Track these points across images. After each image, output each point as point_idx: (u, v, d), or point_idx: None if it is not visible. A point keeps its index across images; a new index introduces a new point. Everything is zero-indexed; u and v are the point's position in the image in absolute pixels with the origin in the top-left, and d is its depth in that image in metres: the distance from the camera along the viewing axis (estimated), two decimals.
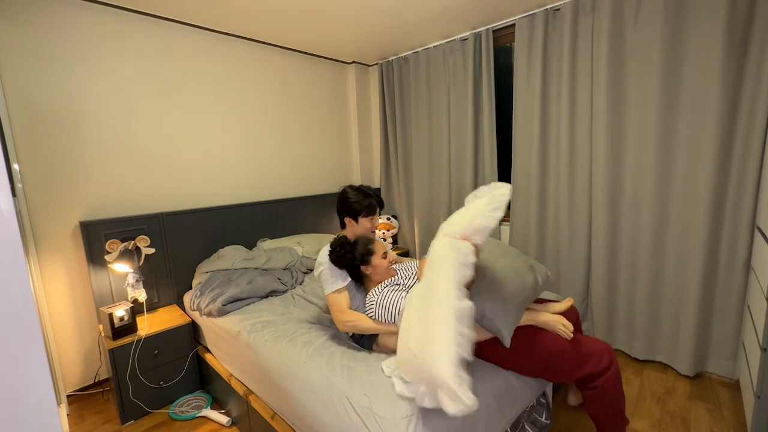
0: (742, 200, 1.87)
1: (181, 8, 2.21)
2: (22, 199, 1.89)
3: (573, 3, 2.22)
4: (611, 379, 1.35)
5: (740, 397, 1.89)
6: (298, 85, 3.11)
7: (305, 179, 3.22)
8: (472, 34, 2.71)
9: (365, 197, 1.65)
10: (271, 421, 1.51)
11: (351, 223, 1.67)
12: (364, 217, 1.63)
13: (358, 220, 1.65)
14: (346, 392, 1.25)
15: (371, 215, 1.65)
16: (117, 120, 2.18)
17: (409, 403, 1.14)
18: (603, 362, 1.34)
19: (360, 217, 1.63)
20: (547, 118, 2.46)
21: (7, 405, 0.51)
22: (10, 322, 0.51)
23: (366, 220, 1.64)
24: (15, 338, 0.51)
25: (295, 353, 1.52)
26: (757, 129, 1.79)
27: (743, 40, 1.78)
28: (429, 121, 3.12)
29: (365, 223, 1.64)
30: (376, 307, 1.45)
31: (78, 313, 2.13)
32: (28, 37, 1.89)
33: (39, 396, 0.54)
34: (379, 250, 1.57)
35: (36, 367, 0.53)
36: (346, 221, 1.69)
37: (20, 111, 1.88)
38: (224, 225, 2.61)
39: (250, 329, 1.78)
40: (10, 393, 0.51)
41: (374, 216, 1.66)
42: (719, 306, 2.00)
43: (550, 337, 1.37)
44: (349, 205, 1.64)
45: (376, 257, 1.55)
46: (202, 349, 2.16)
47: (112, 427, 1.91)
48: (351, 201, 1.64)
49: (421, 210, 3.29)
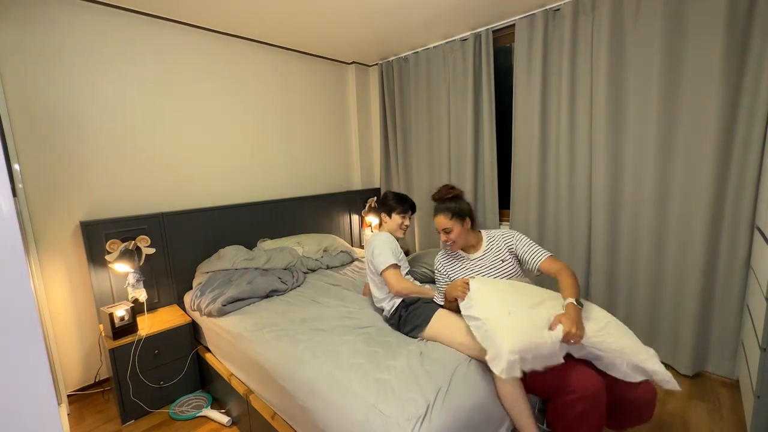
0: (742, 200, 1.87)
1: (181, 8, 2.21)
2: (23, 199, 1.90)
3: (573, 3, 2.22)
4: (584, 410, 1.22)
5: (740, 397, 1.89)
6: (298, 85, 3.11)
7: (305, 179, 3.22)
8: (472, 34, 2.71)
9: (401, 199, 2.01)
10: (272, 420, 1.51)
11: (385, 219, 2.00)
12: (397, 214, 1.96)
13: (391, 215, 1.97)
14: (354, 390, 1.24)
15: (403, 213, 1.97)
16: (117, 120, 2.18)
17: (416, 404, 1.14)
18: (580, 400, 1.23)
19: (393, 213, 1.96)
20: (547, 118, 2.46)
21: (8, 405, 0.51)
22: (10, 322, 0.51)
23: (398, 216, 1.96)
24: (15, 338, 0.51)
25: (297, 352, 1.52)
26: (757, 129, 1.79)
27: (743, 40, 1.78)
28: (429, 121, 3.12)
29: (396, 219, 1.97)
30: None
31: (78, 313, 2.13)
32: (28, 37, 1.89)
33: (39, 396, 0.54)
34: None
35: (36, 367, 0.53)
36: (382, 217, 2.02)
37: (20, 111, 1.88)
38: (224, 225, 2.61)
39: (251, 329, 1.78)
40: (11, 393, 0.51)
41: (405, 214, 1.98)
42: (719, 306, 2.00)
43: None
44: (387, 203, 1.99)
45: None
46: (203, 348, 2.17)
47: (112, 426, 1.91)
48: (388, 199, 2.00)
49: (421, 210, 3.29)
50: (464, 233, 1.65)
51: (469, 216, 1.66)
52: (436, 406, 1.16)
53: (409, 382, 1.25)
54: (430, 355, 1.44)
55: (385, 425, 1.10)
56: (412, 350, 1.47)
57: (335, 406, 1.24)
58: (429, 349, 1.48)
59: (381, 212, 2.01)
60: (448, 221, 1.62)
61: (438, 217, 1.65)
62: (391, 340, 1.57)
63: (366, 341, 1.56)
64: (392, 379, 1.27)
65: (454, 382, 1.27)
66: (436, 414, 1.13)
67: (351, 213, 3.53)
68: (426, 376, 1.29)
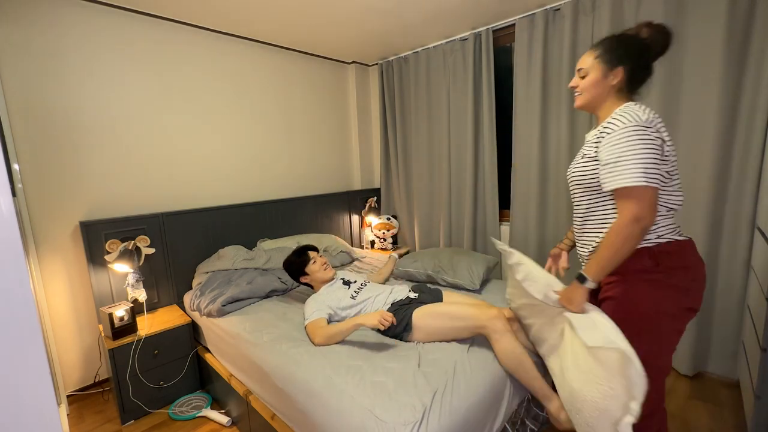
0: (742, 200, 1.87)
1: (181, 8, 2.21)
2: (22, 199, 1.89)
3: (573, 3, 2.22)
4: None
5: (740, 397, 1.89)
6: (298, 85, 3.11)
7: (305, 179, 3.22)
8: (472, 34, 2.71)
9: (297, 252, 2.01)
10: (271, 421, 1.51)
11: (306, 278, 1.98)
12: (308, 266, 1.96)
13: (306, 271, 1.96)
14: (350, 394, 1.23)
15: (310, 260, 1.97)
16: (117, 120, 2.18)
17: (413, 409, 1.13)
18: None
19: (305, 269, 1.96)
20: (547, 118, 2.46)
21: (7, 405, 0.51)
22: (10, 322, 0.51)
23: (311, 265, 1.96)
24: (15, 338, 0.51)
25: (296, 354, 1.51)
26: (757, 129, 1.79)
27: (743, 40, 1.78)
28: (429, 121, 3.12)
29: (313, 268, 1.95)
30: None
31: (78, 313, 2.13)
32: (28, 37, 1.89)
33: (39, 396, 0.54)
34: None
35: (36, 367, 0.53)
36: (301, 280, 2.00)
37: (20, 111, 1.88)
38: (224, 225, 2.61)
39: (250, 330, 1.78)
40: (10, 393, 0.51)
41: (312, 259, 1.97)
42: (719, 306, 2.00)
43: None
44: (293, 267, 1.99)
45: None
46: (202, 349, 2.16)
47: (112, 427, 1.91)
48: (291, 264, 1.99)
49: (421, 210, 3.29)
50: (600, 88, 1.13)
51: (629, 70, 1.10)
52: (433, 410, 1.15)
53: (407, 385, 1.25)
54: (428, 356, 1.44)
55: (381, 430, 1.09)
56: (410, 353, 1.47)
57: (333, 409, 1.23)
58: (427, 351, 1.48)
59: (298, 278, 1.99)
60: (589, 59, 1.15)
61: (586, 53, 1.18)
62: (389, 342, 1.57)
63: (364, 343, 1.56)
64: (390, 381, 1.27)
65: (452, 384, 1.27)
66: (433, 418, 1.12)
67: (351, 213, 3.53)
68: (423, 378, 1.28)
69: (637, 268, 1.07)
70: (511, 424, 1.43)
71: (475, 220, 2.94)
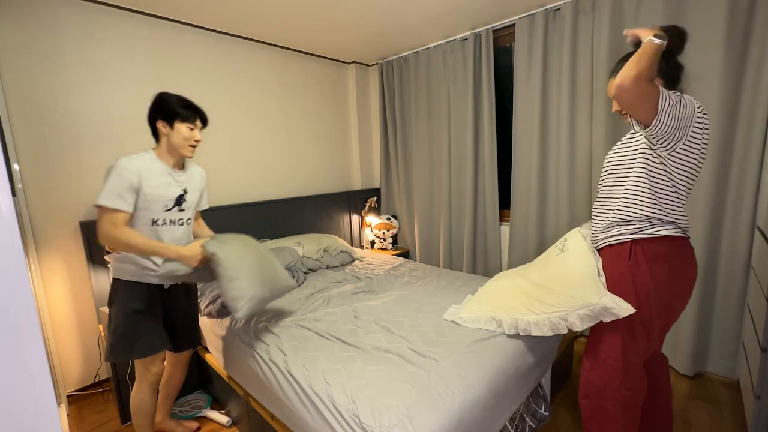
0: (742, 200, 1.87)
1: (180, 8, 2.21)
2: (22, 199, 1.89)
3: (573, 3, 2.22)
4: None
5: (740, 397, 1.89)
6: (298, 85, 3.11)
7: (305, 179, 3.22)
8: (472, 34, 2.71)
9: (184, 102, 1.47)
10: (271, 421, 1.51)
11: (164, 130, 1.44)
12: (181, 122, 1.44)
13: (173, 125, 1.43)
14: (331, 398, 1.22)
15: (191, 122, 1.46)
16: (117, 120, 2.18)
17: (396, 410, 1.12)
18: None
19: (176, 121, 1.43)
20: (547, 118, 2.46)
21: (7, 405, 0.51)
22: (10, 322, 0.51)
23: (184, 126, 1.44)
24: (15, 338, 0.51)
25: (286, 359, 1.50)
26: (757, 129, 1.79)
27: (743, 40, 1.78)
28: (429, 121, 3.12)
29: (182, 129, 1.44)
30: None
31: (78, 313, 2.13)
32: (28, 37, 1.89)
33: (39, 396, 0.54)
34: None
35: (36, 367, 0.53)
36: (159, 126, 1.44)
37: (20, 111, 1.88)
38: (224, 225, 2.59)
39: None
40: (10, 393, 0.51)
41: (193, 124, 1.47)
42: (719, 306, 2.00)
43: None
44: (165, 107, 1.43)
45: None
46: (202, 349, 2.16)
47: (112, 427, 1.91)
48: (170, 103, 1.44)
49: (421, 210, 3.30)
50: None
51: (665, 76, 1.16)
52: (414, 413, 1.13)
53: (385, 390, 1.22)
54: (408, 356, 1.40)
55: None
56: (390, 355, 1.43)
57: (317, 412, 1.23)
58: (408, 350, 1.45)
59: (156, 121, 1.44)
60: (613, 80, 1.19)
61: None
62: (368, 343, 1.53)
63: (343, 346, 1.52)
64: (370, 384, 1.25)
65: (434, 382, 1.24)
66: (417, 417, 1.11)
67: (351, 213, 3.53)
68: (408, 378, 1.26)
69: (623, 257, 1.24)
70: (511, 420, 1.43)
71: (475, 220, 2.94)
